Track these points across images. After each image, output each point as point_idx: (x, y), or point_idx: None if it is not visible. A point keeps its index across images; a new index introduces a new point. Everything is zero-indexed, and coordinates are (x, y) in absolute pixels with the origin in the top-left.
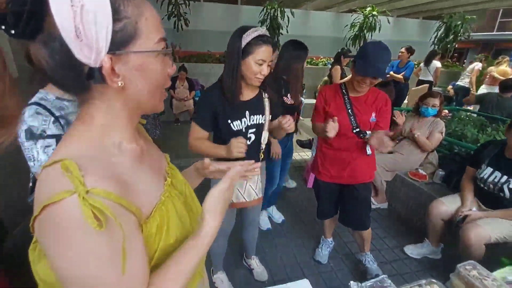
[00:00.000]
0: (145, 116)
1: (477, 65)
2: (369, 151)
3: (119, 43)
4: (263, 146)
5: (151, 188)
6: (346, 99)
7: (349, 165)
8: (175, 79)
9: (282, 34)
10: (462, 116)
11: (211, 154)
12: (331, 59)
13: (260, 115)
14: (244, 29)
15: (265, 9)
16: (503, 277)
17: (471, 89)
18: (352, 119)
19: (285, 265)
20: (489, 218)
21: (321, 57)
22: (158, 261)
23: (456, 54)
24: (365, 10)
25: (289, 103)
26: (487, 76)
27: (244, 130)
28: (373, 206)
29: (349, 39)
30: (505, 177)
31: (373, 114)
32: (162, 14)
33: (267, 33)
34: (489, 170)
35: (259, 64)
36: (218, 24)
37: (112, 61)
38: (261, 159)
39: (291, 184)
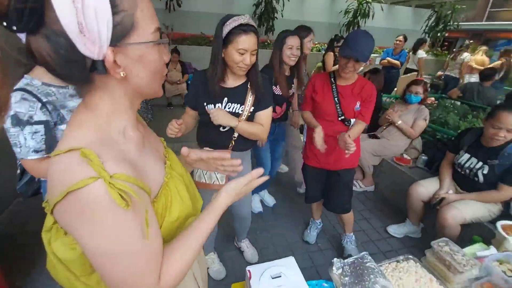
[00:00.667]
0: None
1: (467, 57)
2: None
3: (119, 35)
4: (236, 135)
5: (155, 172)
6: (333, 87)
7: (335, 151)
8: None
9: (277, 18)
10: (447, 104)
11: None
12: (326, 44)
13: (239, 104)
14: (227, 18)
15: None
16: (473, 252)
17: (460, 80)
18: (338, 107)
19: (275, 245)
20: (464, 200)
21: (316, 43)
22: (164, 236)
23: (446, 43)
24: None
25: (276, 93)
26: (467, 65)
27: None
28: (360, 189)
29: (343, 25)
30: (480, 163)
31: (358, 103)
32: None
33: (251, 22)
34: (467, 156)
35: (240, 53)
36: (212, 5)
37: (114, 53)
38: (231, 146)
39: (284, 168)
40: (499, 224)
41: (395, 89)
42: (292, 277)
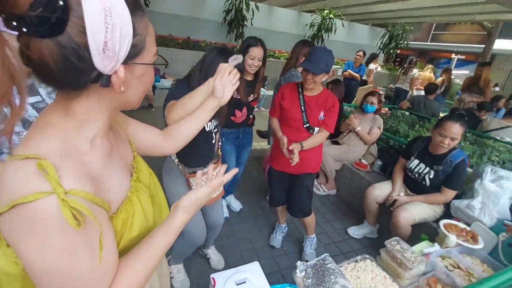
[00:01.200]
0: None
1: (415, 74)
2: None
3: (132, 55)
4: (218, 144)
5: (119, 185)
6: (300, 96)
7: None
8: None
9: (246, 26)
10: (398, 114)
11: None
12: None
13: (214, 119)
14: (229, 53)
15: None
16: (420, 250)
17: (409, 93)
18: (304, 115)
19: (241, 251)
20: (414, 203)
21: (283, 51)
22: (120, 254)
23: (398, 59)
24: (323, 12)
25: (235, 97)
26: (416, 81)
27: (212, 130)
28: (323, 193)
29: (309, 37)
30: (427, 169)
31: (322, 113)
32: None
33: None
34: (416, 161)
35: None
36: (182, 8)
37: (124, 70)
38: (219, 158)
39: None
40: (442, 223)
41: (355, 99)
42: (256, 283)
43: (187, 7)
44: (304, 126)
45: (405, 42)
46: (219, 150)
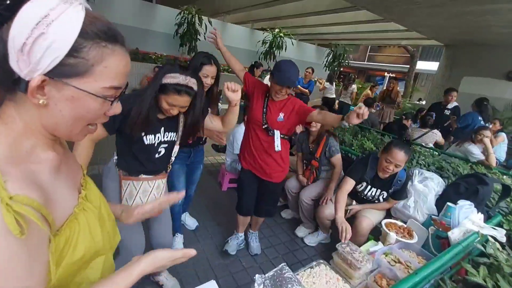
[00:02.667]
0: None
1: (354, 89)
2: (278, 148)
3: (63, 73)
4: (173, 158)
5: (65, 200)
6: (266, 100)
7: (261, 158)
8: None
9: (199, 40)
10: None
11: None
12: (246, 69)
13: (174, 133)
14: (169, 69)
15: (182, 12)
16: (367, 249)
17: (351, 106)
18: (264, 116)
19: (198, 271)
20: (369, 210)
21: None
22: (60, 279)
23: (342, 76)
24: (274, 31)
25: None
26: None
27: (156, 145)
28: (280, 204)
29: (261, 53)
30: (379, 191)
31: (281, 115)
32: None
33: (191, 83)
34: (368, 187)
35: (170, 105)
36: (129, 18)
37: (45, 82)
38: (168, 170)
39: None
40: (383, 222)
41: None
42: None
43: (135, 17)
44: (263, 126)
45: (346, 61)
46: (169, 166)
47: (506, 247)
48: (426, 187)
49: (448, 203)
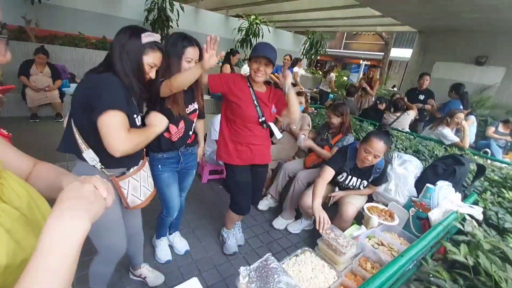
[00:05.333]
0: None
1: (332, 77)
2: (279, 135)
3: None
4: None
5: None
6: (251, 90)
7: (260, 150)
8: (30, 63)
9: (171, 27)
10: (323, 113)
11: (150, 138)
12: (222, 57)
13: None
14: (140, 29)
15: None
16: (350, 233)
17: (330, 93)
18: (258, 109)
19: (180, 266)
20: (352, 196)
21: None
22: None
23: (319, 64)
24: (250, 18)
25: (167, 107)
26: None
27: (139, 125)
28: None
29: (238, 41)
30: (359, 180)
31: (273, 107)
32: None
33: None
34: (349, 177)
35: (150, 66)
36: (94, 4)
37: None
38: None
39: None
40: (365, 206)
41: None
42: None
43: (101, 3)
44: (260, 120)
45: (323, 49)
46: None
47: (482, 224)
48: (406, 170)
49: (427, 185)
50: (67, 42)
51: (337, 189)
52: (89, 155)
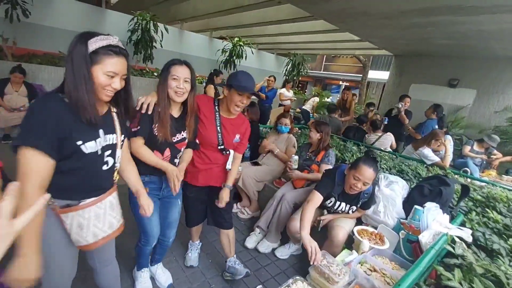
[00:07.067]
0: None
1: (316, 100)
2: (228, 166)
3: None
4: (118, 165)
5: None
6: (217, 115)
7: (214, 173)
8: (5, 82)
9: (155, 47)
10: (307, 132)
11: None
12: (206, 78)
13: (114, 134)
14: (89, 34)
15: (135, 18)
16: (342, 259)
17: (311, 114)
18: (219, 136)
19: None
20: (341, 219)
21: (197, 75)
22: None
23: (300, 85)
24: (234, 40)
25: (154, 133)
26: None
27: (100, 152)
28: (248, 216)
29: (221, 62)
30: (348, 205)
31: (237, 136)
32: None
33: (121, 45)
34: (338, 203)
35: (109, 76)
36: (75, 24)
37: None
38: (115, 180)
39: None
40: (355, 229)
41: (269, 120)
42: None
43: (80, 22)
44: (219, 147)
45: (305, 70)
46: (116, 173)
47: (471, 246)
48: (393, 191)
49: (416, 206)
50: (45, 61)
51: (325, 212)
52: None
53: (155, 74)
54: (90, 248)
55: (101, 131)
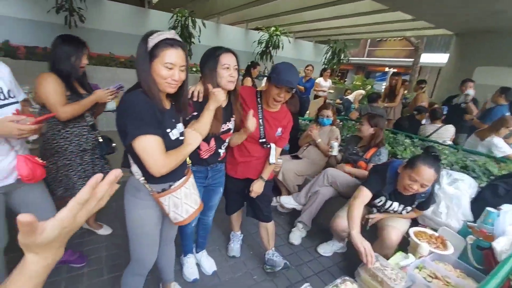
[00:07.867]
0: None
1: (361, 92)
2: (272, 160)
3: None
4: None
5: None
6: (260, 108)
7: (254, 165)
8: None
9: (194, 43)
10: (350, 125)
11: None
12: (243, 70)
13: (180, 123)
14: (150, 32)
15: (175, 16)
16: (396, 263)
17: (353, 105)
18: (261, 129)
19: (207, 287)
20: (394, 219)
21: None
22: None
23: (340, 73)
24: (270, 30)
25: None
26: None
27: (180, 138)
28: (288, 209)
29: (257, 54)
30: (402, 206)
31: (279, 129)
32: (49, 6)
33: (177, 37)
34: (389, 202)
35: (168, 68)
36: (123, 25)
37: None
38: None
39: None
40: (412, 231)
41: (308, 112)
42: None
43: (129, 24)
44: (260, 140)
45: (347, 57)
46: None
47: None
48: (458, 189)
49: (488, 208)
50: (99, 62)
51: (375, 210)
52: (134, 169)
53: (194, 69)
54: (184, 223)
55: (173, 120)
